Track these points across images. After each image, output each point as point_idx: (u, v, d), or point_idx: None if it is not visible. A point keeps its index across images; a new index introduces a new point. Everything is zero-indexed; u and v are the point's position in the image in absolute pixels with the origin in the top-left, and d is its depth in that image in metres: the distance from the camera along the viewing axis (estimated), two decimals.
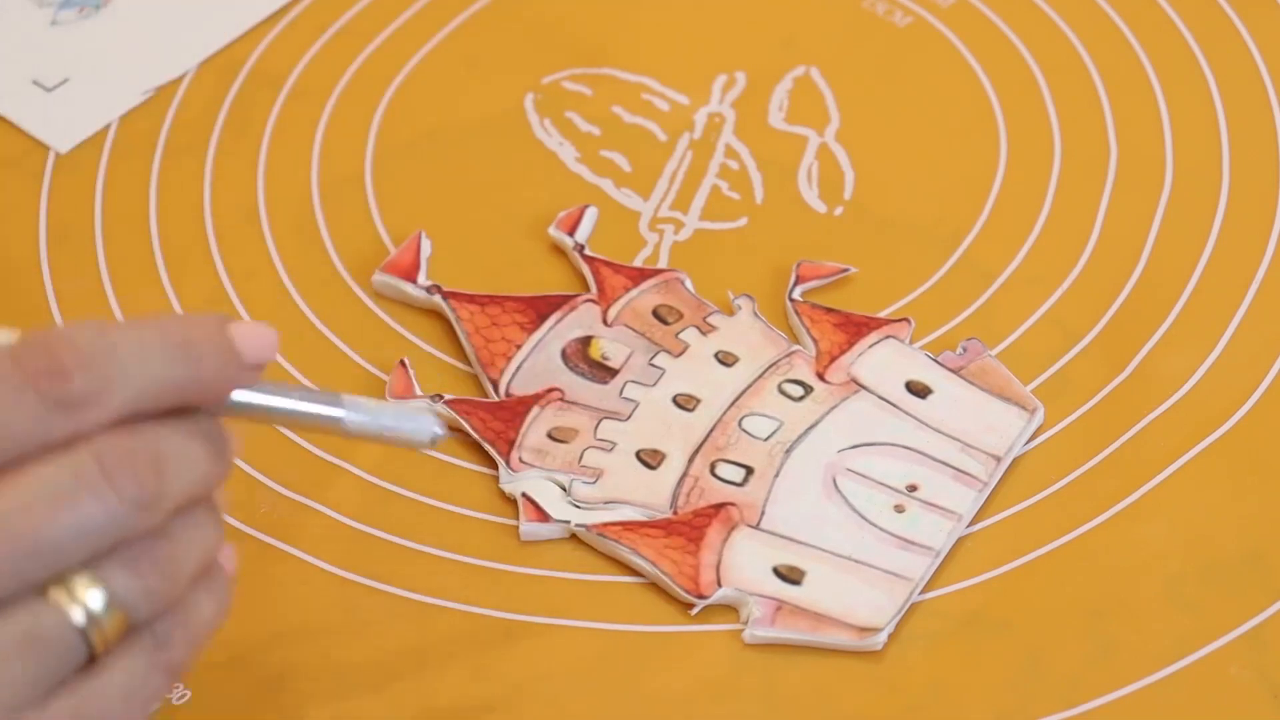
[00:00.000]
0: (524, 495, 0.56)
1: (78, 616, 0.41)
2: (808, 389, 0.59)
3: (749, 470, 0.57)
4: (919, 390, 0.58)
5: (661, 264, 0.63)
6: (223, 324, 0.43)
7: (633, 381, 0.59)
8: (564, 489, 0.56)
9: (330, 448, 0.58)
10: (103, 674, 0.41)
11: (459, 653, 0.53)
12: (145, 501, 0.41)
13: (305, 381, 0.60)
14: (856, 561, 0.55)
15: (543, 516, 0.55)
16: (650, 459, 0.57)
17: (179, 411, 0.42)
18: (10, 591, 0.40)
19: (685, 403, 0.58)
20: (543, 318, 0.60)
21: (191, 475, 0.42)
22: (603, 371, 0.59)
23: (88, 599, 0.41)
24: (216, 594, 0.44)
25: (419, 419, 0.47)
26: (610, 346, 0.60)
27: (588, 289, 0.61)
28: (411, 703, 0.52)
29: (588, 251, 0.62)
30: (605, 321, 0.60)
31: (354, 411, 0.46)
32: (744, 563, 0.55)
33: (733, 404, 0.58)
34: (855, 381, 0.59)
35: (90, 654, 0.41)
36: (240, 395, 0.44)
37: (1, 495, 0.40)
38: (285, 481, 0.57)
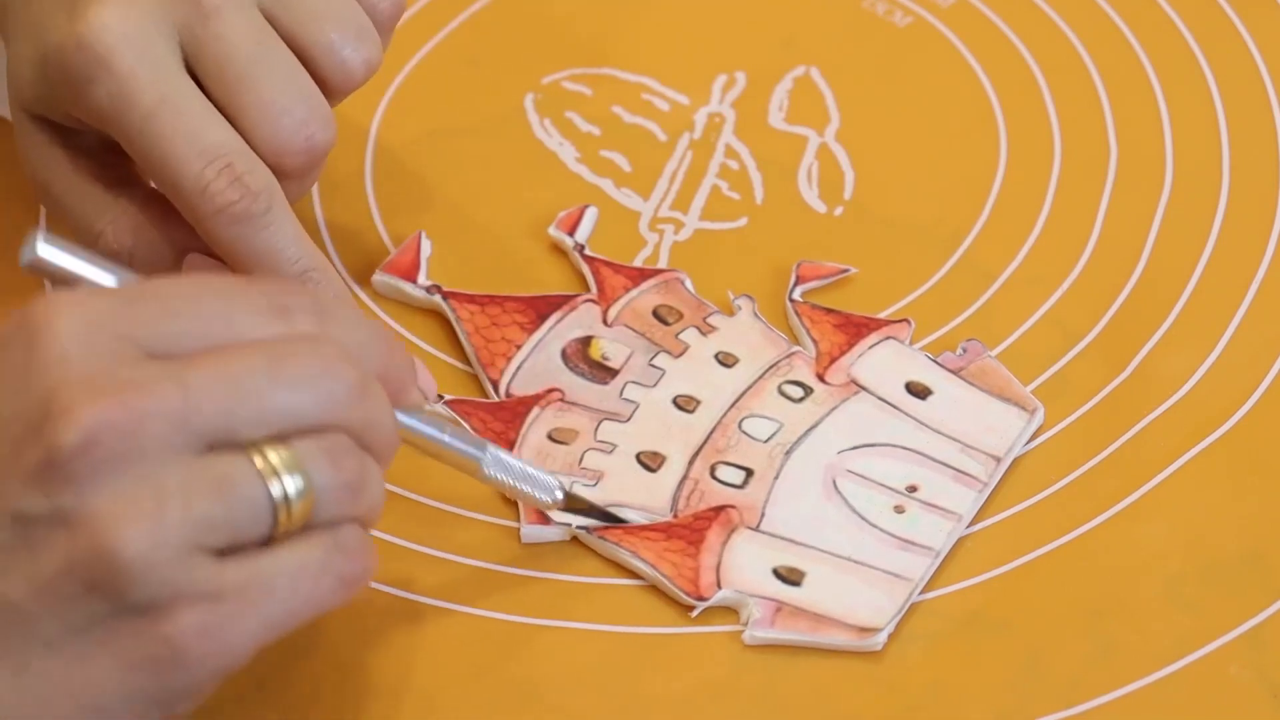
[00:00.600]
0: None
1: (273, 487, 0.43)
2: (808, 390, 0.59)
3: (749, 472, 0.57)
4: (919, 391, 0.58)
5: (661, 264, 0.63)
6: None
7: (633, 382, 0.59)
8: (564, 490, 0.56)
9: None
10: (280, 553, 0.44)
11: (459, 654, 0.53)
12: (368, 392, 0.45)
13: None
14: (856, 562, 0.55)
15: (544, 518, 0.55)
16: (650, 461, 0.57)
17: None
18: (223, 437, 0.43)
19: (685, 404, 0.58)
20: (543, 318, 0.60)
21: (392, 424, 0.47)
22: (603, 372, 0.59)
23: (285, 475, 0.44)
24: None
25: (547, 481, 0.53)
26: (610, 347, 0.60)
27: (588, 289, 0.61)
28: (411, 703, 0.52)
29: (588, 251, 0.62)
30: (605, 322, 0.60)
31: (494, 463, 0.52)
32: (744, 564, 0.55)
33: (733, 405, 0.58)
34: (855, 382, 0.59)
35: (272, 534, 0.44)
36: (404, 416, 0.49)
37: (244, 353, 0.44)
38: None
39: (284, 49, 0.54)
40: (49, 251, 0.47)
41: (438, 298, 0.61)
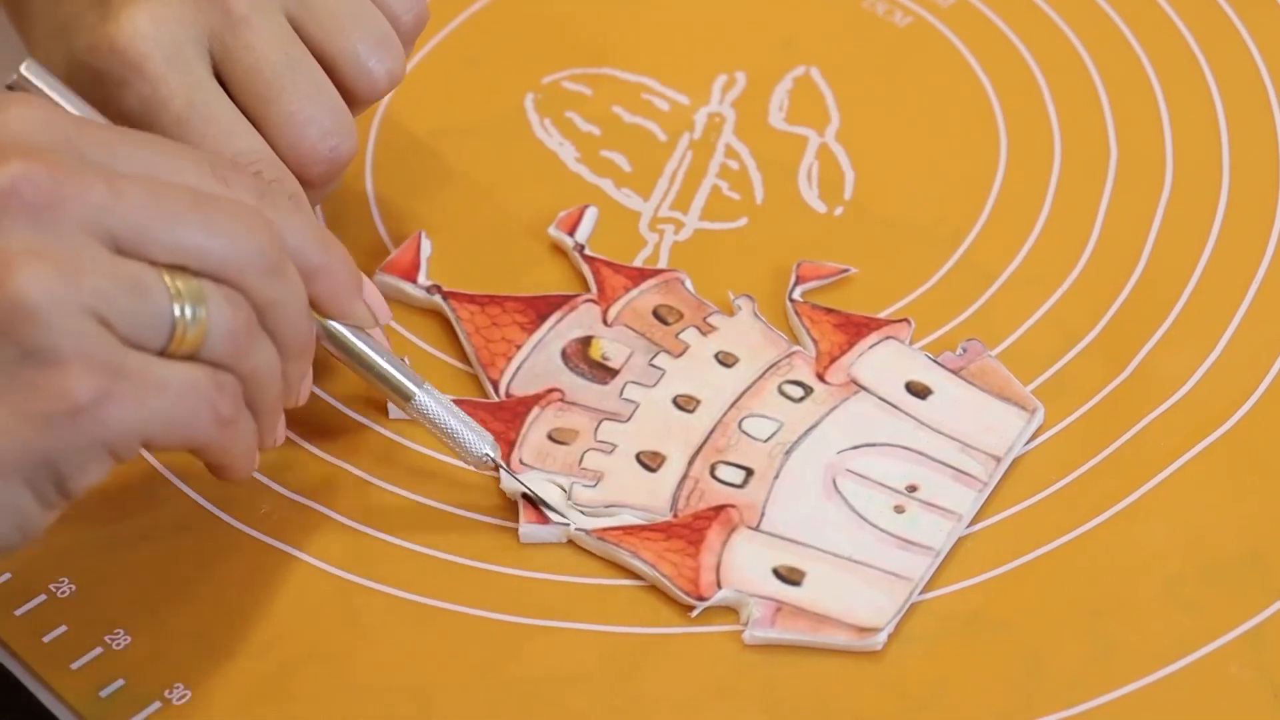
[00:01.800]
0: (523, 496, 0.56)
1: (175, 309, 0.46)
2: (808, 390, 0.59)
3: (749, 472, 0.57)
4: (919, 391, 0.58)
5: (661, 264, 0.63)
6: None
7: (633, 382, 0.59)
8: (564, 491, 0.56)
9: (331, 449, 0.58)
10: (169, 364, 0.46)
11: (459, 654, 0.53)
12: (282, 272, 0.48)
13: None
14: (856, 562, 0.55)
15: (542, 518, 0.55)
16: (650, 461, 0.57)
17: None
18: (135, 247, 0.45)
19: (685, 404, 0.58)
20: (543, 318, 0.60)
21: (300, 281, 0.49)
22: (603, 372, 0.59)
23: (185, 300, 0.46)
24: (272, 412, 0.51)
25: (481, 434, 0.54)
26: (610, 347, 0.60)
27: (588, 289, 0.61)
28: (411, 703, 0.52)
29: (588, 251, 0.62)
30: (605, 322, 0.60)
31: (429, 396, 0.54)
32: (744, 564, 0.55)
33: (733, 405, 0.58)
34: (855, 382, 0.59)
35: (163, 350, 0.46)
36: (346, 329, 0.52)
37: (175, 187, 0.47)
38: (286, 483, 0.57)
39: (310, 59, 0.55)
40: (34, 72, 0.50)
41: (438, 298, 0.61)
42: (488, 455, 0.55)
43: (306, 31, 0.56)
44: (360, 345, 0.53)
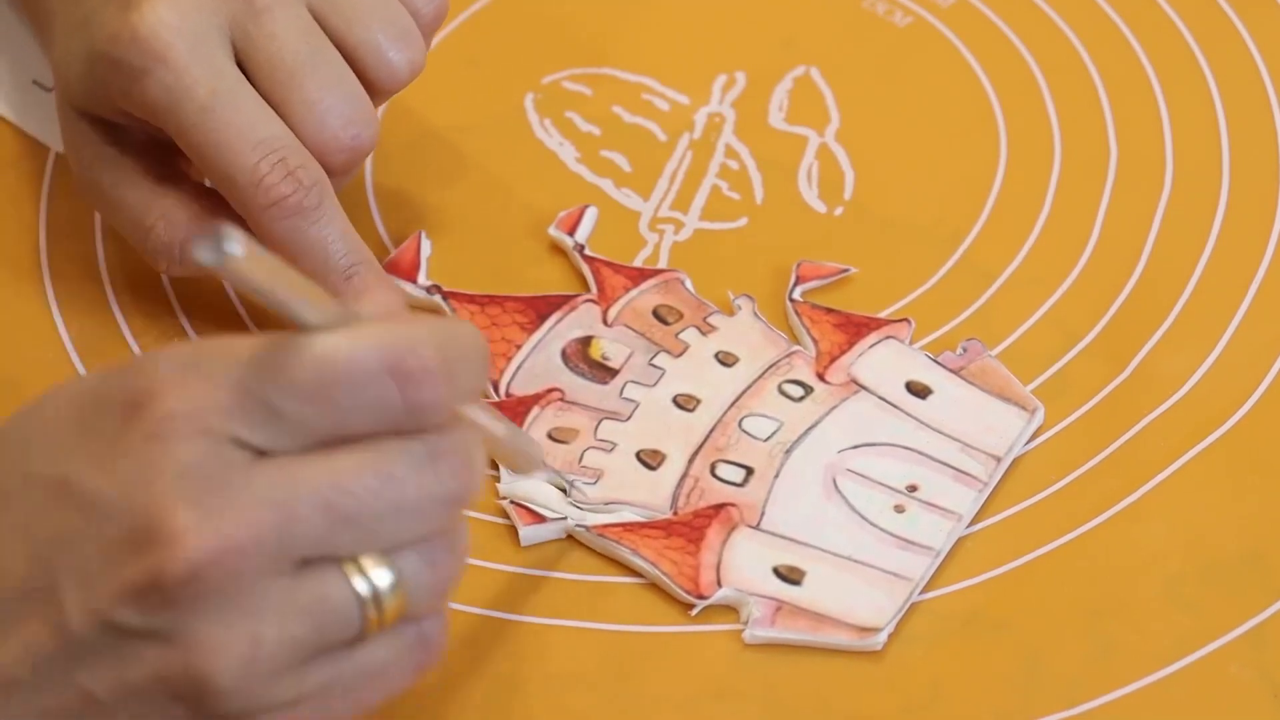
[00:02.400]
0: (512, 503, 0.56)
1: (367, 601, 0.43)
2: (808, 389, 0.59)
3: (749, 471, 0.57)
4: (919, 390, 0.58)
5: (661, 264, 0.63)
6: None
7: (633, 382, 0.59)
8: (564, 490, 0.56)
9: None
10: (364, 652, 0.44)
11: (458, 654, 0.53)
12: (460, 497, 0.44)
13: None
14: (856, 561, 0.55)
15: (537, 518, 0.55)
16: (650, 459, 0.57)
17: None
18: (319, 553, 0.42)
19: (685, 403, 0.58)
20: (543, 318, 0.60)
21: (481, 481, 0.45)
22: (603, 372, 0.59)
23: (377, 580, 0.43)
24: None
25: (533, 443, 0.53)
26: (610, 347, 0.60)
27: (588, 289, 0.61)
28: (411, 703, 0.52)
29: (588, 251, 0.62)
30: (605, 321, 0.60)
31: (482, 412, 0.48)
32: (744, 563, 0.54)
33: (733, 404, 0.58)
34: (855, 382, 0.59)
35: (359, 636, 0.44)
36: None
37: (333, 463, 0.42)
38: None
39: (332, 49, 0.55)
40: (245, 252, 0.41)
41: (438, 298, 0.61)
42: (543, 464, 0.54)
43: (329, 22, 0.56)
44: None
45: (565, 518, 0.55)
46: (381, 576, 0.43)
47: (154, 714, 0.42)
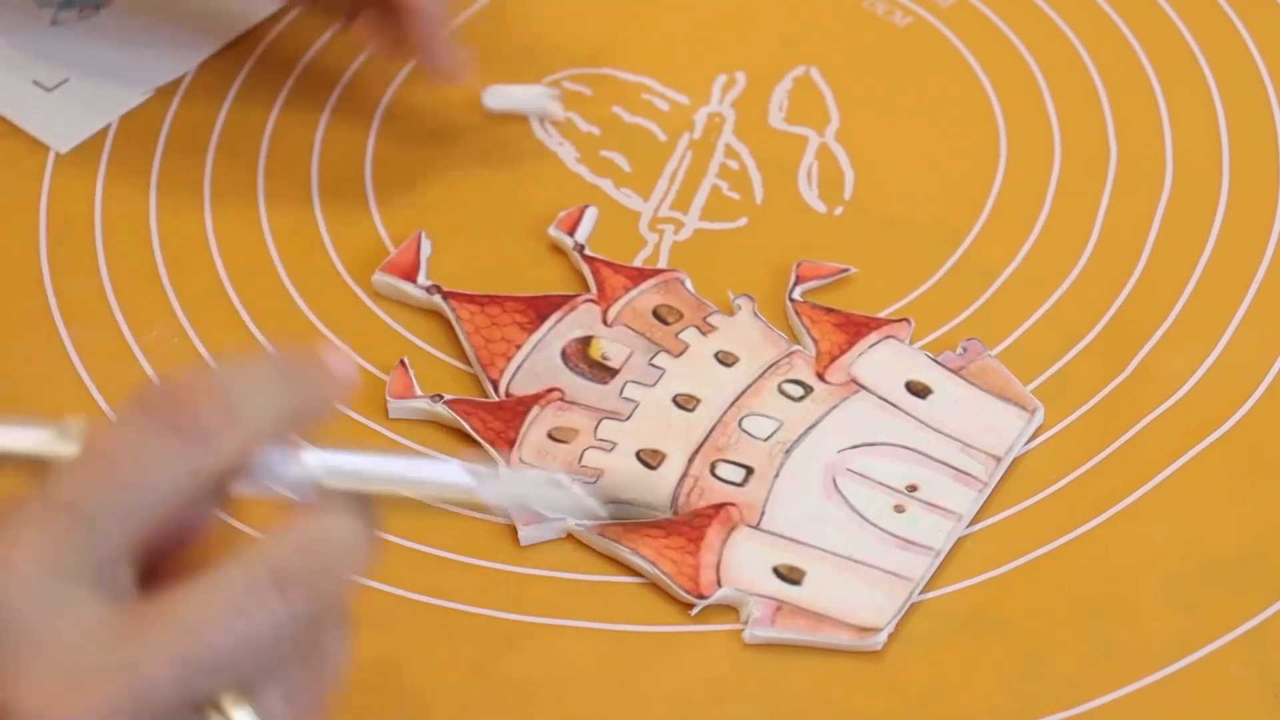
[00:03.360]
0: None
1: None
2: (808, 389, 0.59)
3: (749, 470, 0.57)
4: (919, 390, 0.58)
5: (661, 264, 0.63)
6: (313, 350, 0.45)
7: (633, 381, 0.59)
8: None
9: (328, 446, 0.58)
10: None
11: (459, 653, 0.53)
12: (312, 615, 0.41)
13: None
14: (856, 561, 0.55)
15: (536, 517, 0.55)
16: (650, 459, 0.57)
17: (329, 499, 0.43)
18: (175, 706, 0.40)
19: (685, 403, 0.58)
20: (543, 318, 0.60)
21: (348, 578, 0.43)
22: (603, 371, 0.59)
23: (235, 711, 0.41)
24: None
25: (554, 481, 0.46)
26: (610, 346, 0.60)
27: (588, 289, 0.61)
28: (410, 702, 0.52)
29: (588, 251, 0.62)
30: (605, 321, 0.60)
31: (487, 482, 0.45)
32: (744, 563, 0.54)
33: (733, 404, 0.58)
34: (855, 381, 0.59)
35: None
36: (357, 464, 0.44)
37: (176, 605, 0.40)
38: None
39: None
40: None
41: (438, 298, 0.61)
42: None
43: None
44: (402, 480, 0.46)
45: (564, 518, 0.55)
46: (244, 713, 0.41)
47: None
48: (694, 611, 0.54)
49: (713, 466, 0.57)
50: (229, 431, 0.41)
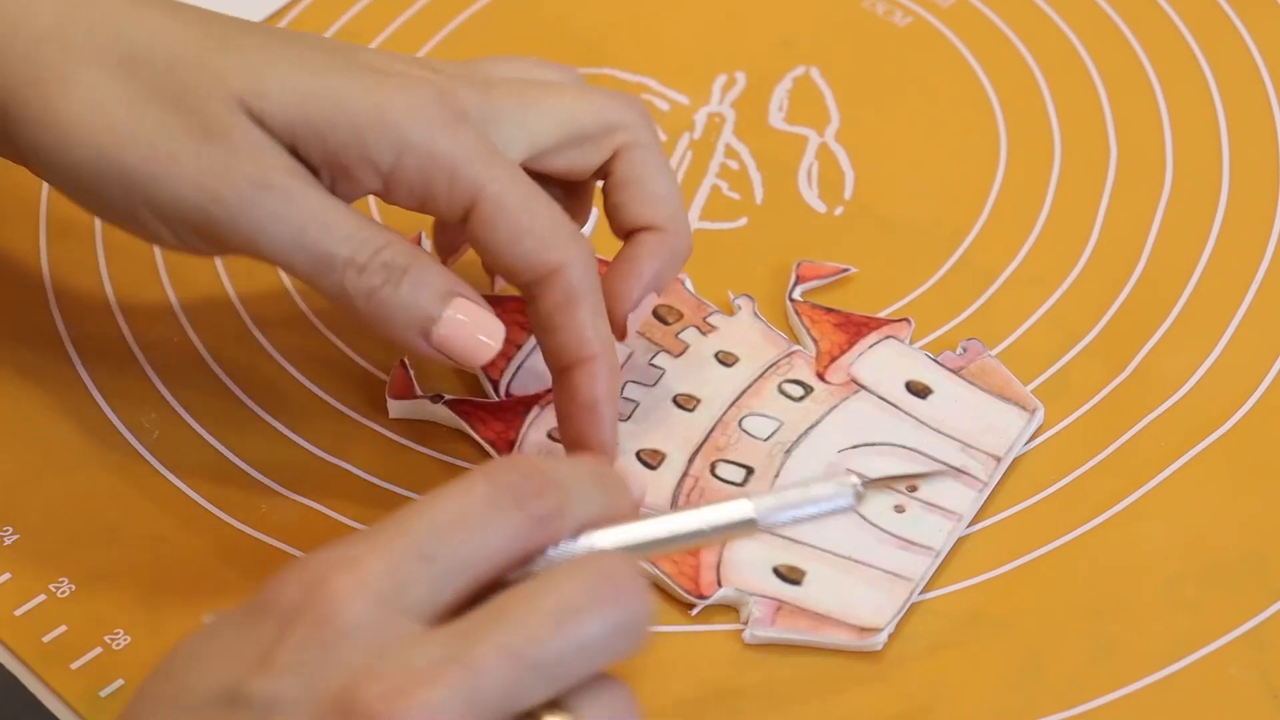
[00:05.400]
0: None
1: None
2: (808, 389, 0.59)
3: (749, 470, 0.57)
4: (919, 390, 0.58)
5: None
6: (614, 467, 0.50)
7: (633, 382, 0.59)
8: None
9: (328, 446, 0.58)
10: None
11: None
12: (635, 624, 0.43)
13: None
14: (856, 561, 0.55)
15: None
16: (650, 459, 0.57)
17: None
18: (507, 709, 0.41)
19: (685, 403, 0.58)
20: None
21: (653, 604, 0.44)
22: None
23: None
24: None
25: (830, 489, 0.47)
26: None
27: None
28: None
29: None
30: None
31: (765, 512, 0.46)
32: (744, 563, 0.55)
33: (733, 404, 0.58)
34: (855, 381, 0.59)
35: None
36: (650, 533, 0.46)
37: (527, 614, 0.41)
38: (286, 483, 0.57)
39: None
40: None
41: None
42: (860, 493, 0.48)
43: None
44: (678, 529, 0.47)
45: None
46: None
47: None
48: (694, 611, 0.54)
49: (713, 466, 0.57)
50: (561, 521, 0.44)
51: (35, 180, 0.55)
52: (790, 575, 0.54)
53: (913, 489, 0.56)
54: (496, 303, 0.60)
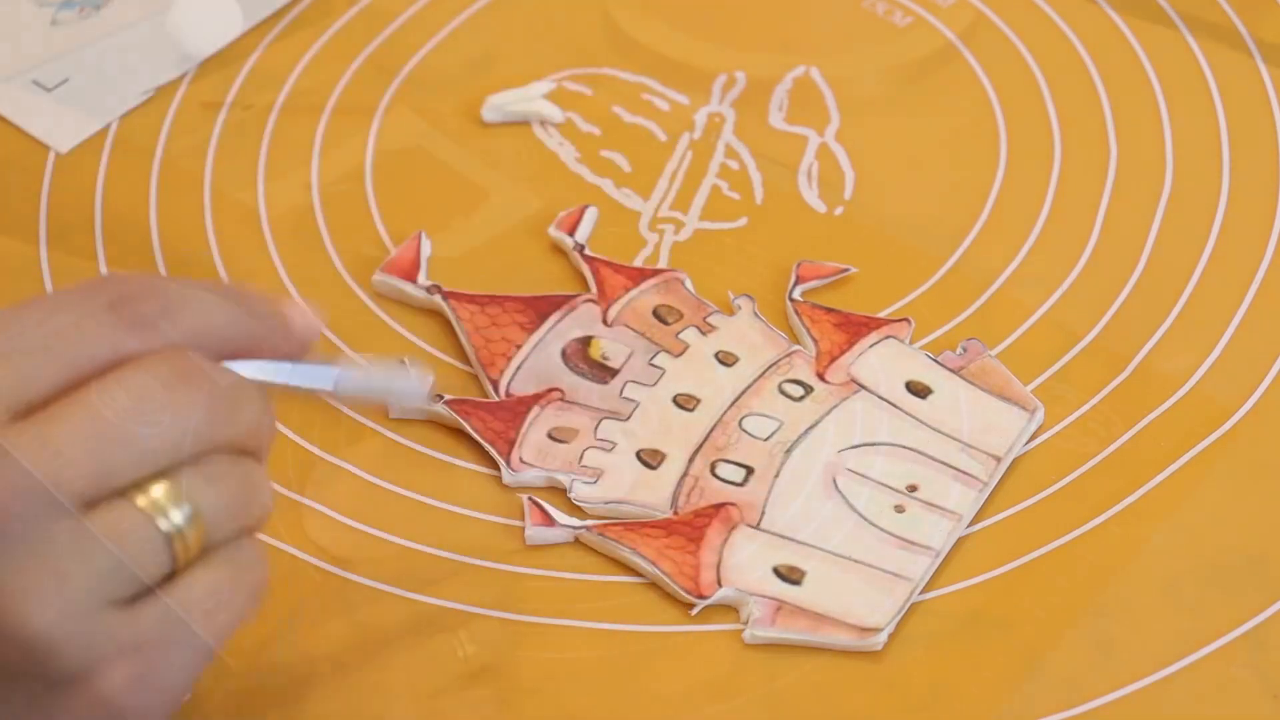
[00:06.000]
0: (530, 499, 0.56)
1: (163, 524, 0.43)
2: (808, 389, 0.59)
3: (749, 470, 0.57)
4: (919, 390, 0.58)
5: (661, 264, 0.63)
6: (276, 297, 0.48)
7: (633, 381, 0.59)
8: (564, 489, 0.56)
9: (329, 446, 0.58)
10: (185, 583, 0.44)
11: (460, 651, 0.53)
12: (236, 403, 0.44)
13: None
14: (856, 561, 0.55)
15: (548, 520, 0.55)
16: (650, 459, 0.57)
17: None
18: (101, 488, 0.42)
19: (685, 403, 0.58)
20: (543, 318, 0.60)
21: (262, 416, 0.46)
22: (603, 371, 0.59)
23: (171, 508, 0.43)
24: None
25: (409, 374, 0.50)
26: (610, 346, 0.60)
27: (588, 289, 0.61)
28: (410, 701, 0.52)
29: (588, 251, 0.62)
30: (605, 321, 0.60)
31: (346, 378, 0.49)
32: (744, 562, 0.54)
33: (733, 404, 0.58)
34: (855, 381, 0.59)
35: (173, 568, 0.43)
36: (240, 367, 0.46)
37: (106, 396, 0.43)
38: (284, 480, 0.57)
39: None
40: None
41: (438, 298, 0.61)
42: (431, 386, 0.51)
43: None
44: (268, 379, 0.48)
45: (583, 525, 0.55)
46: (170, 497, 0.43)
47: (11, 701, 0.43)
48: (694, 611, 0.54)
49: (713, 466, 0.57)
50: (165, 327, 0.44)
51: (35, 180, 0.55)
52: (790, 575, 0.54)
53: (913, 489, 0.56)
54: (496, 302, 0.61)
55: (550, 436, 0.57)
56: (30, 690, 0.42)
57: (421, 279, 0.62)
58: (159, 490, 0.43)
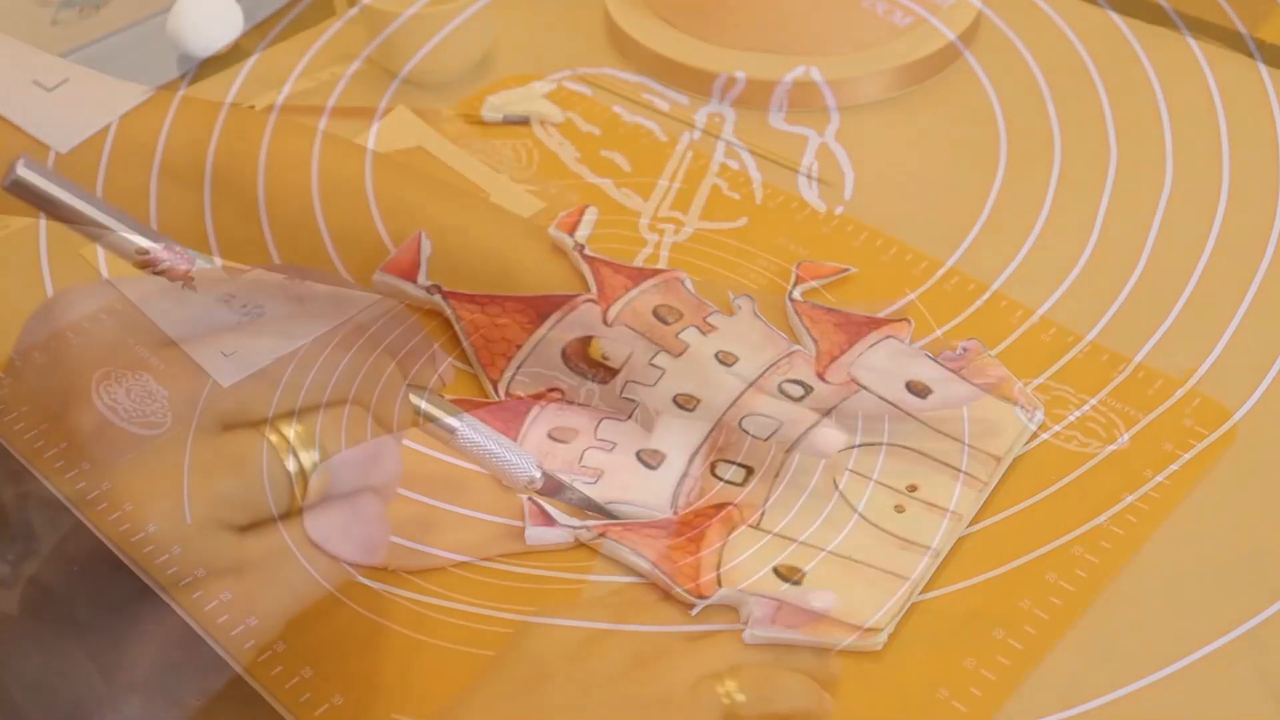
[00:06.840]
0: (530, 500, 0.56)
1: (290, 464, 0.45)
2: (808, 389, 0.59)
3: (749, 470, 0.57)
4: (919, 390, 0.58)
5: (661, 264, 0.63)
6: None
7: (633, 381, 0.59)
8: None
9: None
10: (301, 523, 0.45)
11: (459, 651, 0.53)
12: (379, 369, 0.46)
13: None
14: (856, 561, 0.55)
15: (548, 521, 0.55)
16: (650, 459, 0.57)
17: None
18: (238, 417, 0.44)
19: (685, 403, 0.58)
20: (543, 318, 0.60)
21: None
22: (603, 371, 0.59)
23: (300, 450, 0.45)
24: None
25: (523, 456, 0.53)
26: (610, 346, 0.60)
27: (588, 289, 0.61)
28: (411, 700, 0.52)
29: (588, 251, 0.62)
30: (605, 321, 0.60)
31: (469, 428, 0.51)
32: (744, 563, 0.55)
33: (733, 404, 0.58)
34: (855, 381, 0.59)
35: (290, 507, 0.45)
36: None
37: (258, 332, 0.45)
38: None
39: None
40: (31, 169, 0.50)
41: (438, 298, 0.61)
42: (534, 479, 0.54)
43: None
44: (429, 410, 0.51)
45: (584, 526, 0.55)
46: (301, 439, 0.45)
47: (108, 595, 0.44)
48: (694, 611, 0.54)
49: (713, 466, 0.57)
50: None
51: None
52: (790, 575, 0.54)
53: (913, 489, 0.56)
54: (496, 302, 0.61)
55: (550, 437, 0.57)
56: (127, 590, 0.44)
57: (421, 279, 0.62)
58: (292, 430, 0.45)
